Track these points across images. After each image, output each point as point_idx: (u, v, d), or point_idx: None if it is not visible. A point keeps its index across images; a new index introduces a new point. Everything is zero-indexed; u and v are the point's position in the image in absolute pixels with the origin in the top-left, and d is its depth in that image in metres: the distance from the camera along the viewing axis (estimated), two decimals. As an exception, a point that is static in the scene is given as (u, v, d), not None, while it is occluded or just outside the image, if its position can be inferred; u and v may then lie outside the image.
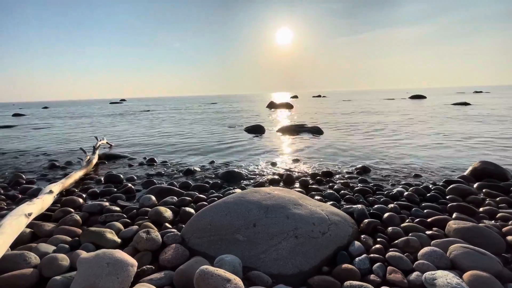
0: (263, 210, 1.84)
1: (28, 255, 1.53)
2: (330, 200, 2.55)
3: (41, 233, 1.97)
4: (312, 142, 6.06)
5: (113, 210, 2.38)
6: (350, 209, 2.22)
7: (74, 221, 2.12)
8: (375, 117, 10.59)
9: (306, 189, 2.92)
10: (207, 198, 2.68)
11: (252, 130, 8.11)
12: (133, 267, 1.38)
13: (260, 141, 6.39)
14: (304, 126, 7.82)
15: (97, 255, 1.36)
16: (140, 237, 1.73)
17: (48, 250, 1.67)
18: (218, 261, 1.45)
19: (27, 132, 9.61)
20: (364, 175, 3.50)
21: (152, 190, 2.86)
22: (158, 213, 2.18)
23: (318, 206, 2.02)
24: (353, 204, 2.40)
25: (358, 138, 6.31)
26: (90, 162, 4.08)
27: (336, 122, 9.68)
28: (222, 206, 1.92)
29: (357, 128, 7.87)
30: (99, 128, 10.55)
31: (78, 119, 15.37)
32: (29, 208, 1.98)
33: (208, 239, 1.75)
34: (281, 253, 1.56)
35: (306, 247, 1.60)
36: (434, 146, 5.14)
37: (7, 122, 14.22)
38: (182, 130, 8.94)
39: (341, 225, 1.86)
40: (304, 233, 1.68)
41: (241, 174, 3.51)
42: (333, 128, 8.17)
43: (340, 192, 2.78)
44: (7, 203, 2.74)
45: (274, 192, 2.09)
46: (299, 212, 1.84)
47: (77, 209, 2.46)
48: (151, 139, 7.13)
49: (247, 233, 1.70)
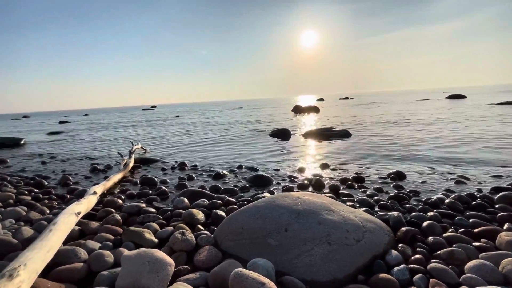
0: (294, 215, 1.83)
1: (78, 250, 1.67)
2: (363, 207, 2.46)
3: (88, 230, 2.14)
4: (340, 146, 5.90)
5: (150, 211, 2.51)
6: (385, 216, 2.12)
7: (115, 221, 2.28)
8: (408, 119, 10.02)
9: (336, 195, 2.85)
10: (236, 201, 2.72)
11: (278, 134, 8.09)
12: (171, 266, 1.45)
13: (286, 146, 6.36)
14: (332, 129, 7.64)
15: (138, 254, 1.45)
16: (176, 238, 1.81)
17: (94, 246, 1.82)
18: (251, 264, 1.47)
19: (72, 138, 10.51)
20: (399, 180, 3.32)
21: (185, 193, 2.97)
22: (191, 215, 2.26)
23: (351, 212, 1.96)
24: (388, 211, 2.29)
25: (390, 141, 6.02)
26: (127, 165, 4.36)
27: (365, 124, 9.32)
28: (253, 210, 1.94)
29: (388, 131, 7.51)
30: (133, 133, 11.22)
31: (115, 125, 16.49)
32: (78, 208, 2.16)
33: (240, 242, 1.78)
34: (314, 259, 1.54)
35: (340, 254, 1.56)
36: (478, 150, 4.74)
37: (55, 129, 15.68)
38: (209, 134, 9.20)
39: (376, 232, 1.79)
40: (337, 239, 1.64)
41: (269, 178, 3.52)
42: (363, 131, 7.88)
43: (373, 198, 2.68)
44: (58, 202, 3.02)
45: (305, 197, 2.07)
46: (332, 218, 1.80)
47: (117, 209, 2.63)
48: (181, 144, 7.43)
49: (278, 238, 1.70)
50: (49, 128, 16.72)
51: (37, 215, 2.52)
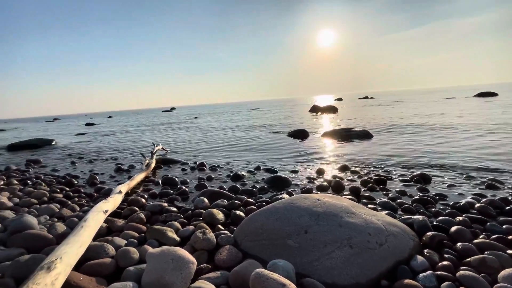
0: (314, 217, 1.81)
1: (106, 246, 1.76)
2: (385, 210, 2.39)
3: (114, 228, 2.25)
4: (360, 147, 5.76)
5: (171, 210, 2.59)
6: (409, 220, 2.05)
7: (139, 219, 2.37)
8: (433, 118, 9.57)
9: (357, 197, 2.79)
10: (255, 202, 2.74)
11: (296, 134, 8.04)
12: (193, 264, 1.49)
13: (304, 146, 6.30)
14: (351, 130, 7.46)
15: (162, 251, 1.50)
16: (197, 237, 1.86)
17: (121, 243, 1.90)
18: (271, 265, 1.48)
19: (98, 139, 11.06)
20: (424, 183, 3.19)
21: (204, 193, 3.04)
22: (211, 215, 2.31)
23: (373, 215, 1.91)
24: (412, 215, 2.21)
25: (414, 142, 5.78)
26: (149, 166, 4.52)
27: (386, 124, 9.01)
28: (272, 211, 1.95)
29: (411, 131, 7.22)
30: (155, 134, 11.60)
31: (137, 126, 17.14)
32: (105, 206, 2.28)
33: (259, 243, 1.79)
34: (335, 262, 1.52)
35: (362, 258, 1.53)
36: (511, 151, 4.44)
37: (82, 130, 16.57)
38: (227, 135, 9.31)
39: (400, 236, 1.74)
40: (359, 243, 1.60)
41: (287, 180, 3.50)
42: (384, 131, 7.63)
43: (396, 201, 2.59)
44: (86, 200, 3.19)
45: (325, 199, 2.05)
46: (353, 220, 1.77)
47: (141, 208, 2.74)
48: (199, 145, 7.59)
49: (298, 240, 1.69)
50: (77, 129, 17.68)
51: (69, 212, 2.68)
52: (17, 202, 3.05)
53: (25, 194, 3.40)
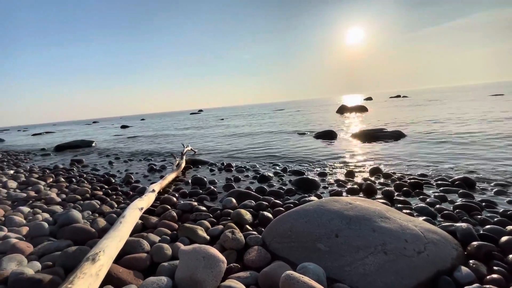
0: (346, 220, 1.75)
1: (142, 242, 1.86)
2: (422, 215, 2.25)
3: (148, 224, 2.37)
4: (393, 148, 5.46)
5: (201, 209, 2.67)
6: (450, 228, 1.90)
7: (171, 217, 2.48)
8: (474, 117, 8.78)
9: (390, 201, 2.65)
10: (283, 204, 2.72)
11: (323, 135, 7.85)
12: (223, 263, 1.52)
13: (332, 148, 6.14)
14: (383, 130, 7.12)
15: (194, 249, 1.55)
16: (227, 236, 1.89)
17: (155, 239, 2.00)
18: (301, 268, 1.45)
19: (132, 140, 11.75)
20: (467, 188, 2.94)
21: (232, 193, 3.08)
22: (240, 215, 2.34)
23: (409, 221, 1.80)
24: (455, 222, 2.05)
25: (453, 144, 5.35)
26: (179, 166, 4.70)
27: (421, 125, 8.45)
28: (301, 213, 1.92)
29: (449, 132, 6.69)
30: (184, 136, 12.05)
31: (167, 128, 17.93)
32: (141, 203, 2.41)
33: (288, 245, 1.77)
34: (368, 269, 1.46)
35: (398, 265, 1.45)
36: None
37: (118, 132, 17.73)
38: (253, 137, 9.37)
39: (441, 245, 1.61)
40: (394, 249, 1.52)
41: (316, 182, 3.43)
42: (419, 132, 7.16)
43: (434, 206, 2.42)
44: (123, 198, 3.40)
45: (356, 202, 1.97)
46: (387, 226, 1.69)
47: (173, 206, 2.85)
48: (226, 146, 7.73)
49: (329, 243, 1.65)
50: (113, 131, 18.96)
51: (108, 208, 2.88)
52: (64, 198, 3.34)
53: (70, 190, 3.71)
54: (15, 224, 2.29)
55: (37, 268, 1.60)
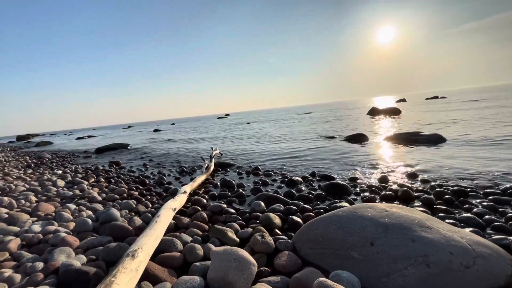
0: (381, 228, 1.67)
1: (176, 241, 1.93)
2: (468, 227, 2.06)
3: (181, 225, 2.45)
4: (431, 153, 5.09)
5: (230, 212, 2.71)
6: (503, 241, 1.72)
7: (202, 218, 2.54)
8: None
9: (431, 210, 2.47)
10: (312, 209, 2.66)
11: (353, 139, 7.58)
12: (254, 266, 1.52)
13: (363, 151, 5.88)
14: (419, 133, 6.67)
15: (225, 251, 1.57)
16: (257, 240, 1.89)
17: (187, 239, 2.07)
18: (334, 276, 1.41)
19: (164, 144, 12.33)
20: (521, 197, 2.64)
21: (260, 197, 3.09)
22: (269, 218, 2.33)
23: (454, 231, 1.66)
24: (508, 235, 1.85)
25: (500, 148, 4.84)
26: (208, 168, 4.83)
27: (463, 127, 7.78)
28: (333, 220, 1.86)
29: (496, 135, 6.06)
30: (212, 139, 12.37)
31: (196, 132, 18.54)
32: (174, 204, 2.51)
33: (320, 251, 1.73)
34: (408, 281, 1.37)
35: (443, 280, 1.34)
36: None
37: (151, 136, 18.72)
38: (281, 140, 9.33)
39: (492, 260, 1.46)
40: (438, 262, 1.41)
41: (347, 187, 3.31)
42: (460, 135, 6.60)
43: (483, 217, 2.20)
44: (156, 198, 3.57)
45: (392, 210, 1.87)
46: (429, 236, 1.57)
47: (203, 208, 2.93)
48: (254, 149, 7.77)
49: (363, 252, 1.58)
50: (147, 135, 20.06)
51: (143, 208, 3.04)
52: (104, 196, 3.59)
53: (110, 190, 3.98)
54: (64, 220, 2.51)
55: (83, 260, 1.73)
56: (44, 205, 2.88)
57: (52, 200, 3.25)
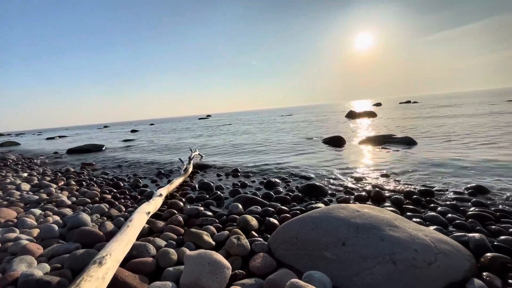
0: (353, 228, 1.72)
1: (149, 246, 1.87)
2: (433, 225, 2.18)
3: (155, 229, 2.39)
4: (403, 154, 5.36)
5: (207, 214, 2.67)
6: (463, 238, 1.84)
7: (178, 222, 2.49)
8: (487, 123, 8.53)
9: (400, 209, 2.59)
10: (289, 210, 2.70)
11: (331, 141, 7.79)
12: (228, 269, 1.51)
13: (340, 153, 6.07)
14: (392, 136, 7.00)
15: (199, 254, 1.55)
16: (232, 242, 1.88)
17: (161, 244, 2.01)
18: (307, 277, 1.43)
19: (142, 145, 11.93)
20: (480, 196, 2.85)
21: (239, 199, 3.08)
22: (246, 221, 2.33)
23: (419, 230, 1.76)
24: (467, 232, 1.98)
25: (465, 150, 5.21)
26: (187, 170, 4.74)
27: (432, 131, 8.27)
28: (308, 221, 1.90)
29: (461, 138, 6.52)
30: (191, 140, 12.16)
31: (176, 133, 18.14)
32: (148, 208, 2.43)
33: (294, 252, 1.75)
34: (376, 279, 1.42)
35: (408, 277, 1.41)
36: None
37: (128, 137, 18.04)
38: (261, 142, 9.37)
39: (452, 256, 1.56)
40: (403, 259, 1.48)
41: (323, 188, 3.39)
42: (429, 138, 7.01)
43: (446, 215, 2.35)
44: (131, 202, 3.45)
45: (364, 210, 1.94)
46: (396, 235, 1.64)
47: (179, 211, 2.87)
48: (234, 151, 7.75)
49: (335, 252, 1.62)
50: (123, 136, 19.31)
51: (116, 212, 2.92)
52: (74, 200, 3.41)
53: (80, 194, 3.79)
54: (26, 226, 2.35)
55: (46, 270, 1.63)
56: (4, 210, 2.68)
57: (14, 205, 3.03)
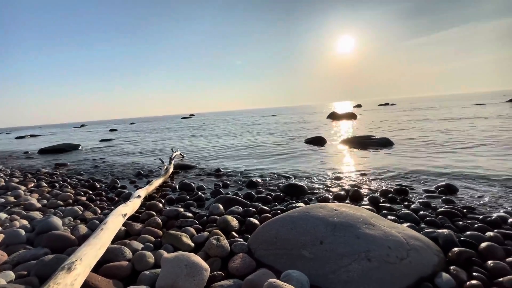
0: (330, 227, 1.76)
1: (124, 249, 1.81)
2: (407, 222, 2.28)
3: (132, 231, 2.31)
4: (380, 155, 5.56)
5: (187, 216, 2.62)
6: (433, 234, 1.93)
7: (156, 223, 2.42)
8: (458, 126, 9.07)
9: (376, 208, 2.68)
10: (270, 210, 2.71)
11: (313, 141, 7.93)
12: (206, 271, 1.49)
13: (321, 154, 6.19)
14: (371, 137, 7.24)
15: (177, 257, 1.52)
16: (211, 244, 1.86)
17: (138, 247, 1.95)
18: (285, 276, 1.44)
19: (120, 144, 11.53)
20: (450, 194, 3.01)
21: (220, 199, 3.05)
22: (226, 221, 2.31)
23: (393, 227, 1.82)
24: (437, 228, 2.09)
25: (439, 150, 5.49)
26: (167, 171, 4.63)
27: (408, 132, 8.66)
28: (287, 220, 1.92)
29: (435, 139, 6.87)
30: (174, 140, 11.92)
31: (157, 133, 17.70)
32: (124, 210, 2.35)
33: (273, 252, 1.76)
34: (352, 276, 1.46)
35: (381, 272, 1.46)
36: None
37: (106, 136, 17.37)
38: (244, 142, 9.36)
39: (423, 251, 1.64)
40: (378, 256, 1.53)
41: (304, 188, 3.44)
42: (405, 139, 7.33)
43: (418, 213, 2.46)
44: (107, 203, 3.32)
45: (342, 209, 1.99)
46: (371, 232, 1.70)
47: (158, 213, 2.80)
48: (216, 151, 7.68)
49: (313, 250, 1.65)
50: (101, 135, 18.57)
51: (91, 214, 2.80)
52: (45, 203, 3.23)
53: (52, 196, 3.59)
54: (-11, 231, 2.18)
55: (11, 278, 1.53)
56: (-35, 215, 2.48)
57: (-23, 209, 2.82)
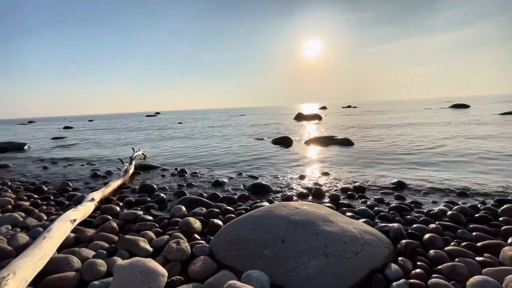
0: (292, 225, 1.79)
1: (71, 259, 1.65)
2: (363, 217, 2.42)
3: (83, 238, 2.12)
4: (342, 154, 5.86)
5: (146, 219, 2.48)
6: (385, 228, 2.08)
7: (111, 228, 2.25)
8: (412, 128, 9.97)
9: (336, 205, 2.81)
10: (234, 210, 2.69)
11: (280, 141, 8.08)
12: (163, 277, 1.42)
13: (287, 153, 6.34)
14: (334, 138, 7.61)
15: (131, 263, 1.42)
16: (171, 248, 1.78)
17: (88, 255, 1.79)
18: (245, 277, 1.43)
19: (75, 144, 10.58)
20: (401, 190, 3.27)
21: (183, 201, 2.95)
22: (188, 224, 2.23)
23: (350, 223, 1.92)
24: (389, 223, 2.24)
25: (393, 150, 5.96)
26: (127, 172, 4.35)
27: (367, 133, 9.28)
28: (250, 220, 1.91)
29: (390, 140, 7.46)
30: (136, 139, 11.27)
31: (118, 131, 16.60)
32: (74, 215, 2.15)
33: (235, 252, 1.74)
34: (310, 272, 1.50)
35: (338, 267, 1.52)
36: (481, 161, 4.67)
37: (59, 134, 15.83)
38: (210, 142, 9.21)
39: (375, 245, 1.75)
40: (335, 252, 1.60)
41: (269, 187, 3.48)
42: (365, 140, 7.84)
43: (373, 208, 2.63)
44: (56, 208, 3.01)
45: (303, 207, 2.04)
46: (330, 229, 1.77)
47: (115, 216, 2.61)
48: (182, 151, 7.44)
49: (275, 249, 1.66)
50: (53, 133, 16.88)
51: (34, 221, 2.51)
52: (-23, 210, 2.82)
53: (-13, 201, 3.15)
54: None
55: None
56: None
57: None
